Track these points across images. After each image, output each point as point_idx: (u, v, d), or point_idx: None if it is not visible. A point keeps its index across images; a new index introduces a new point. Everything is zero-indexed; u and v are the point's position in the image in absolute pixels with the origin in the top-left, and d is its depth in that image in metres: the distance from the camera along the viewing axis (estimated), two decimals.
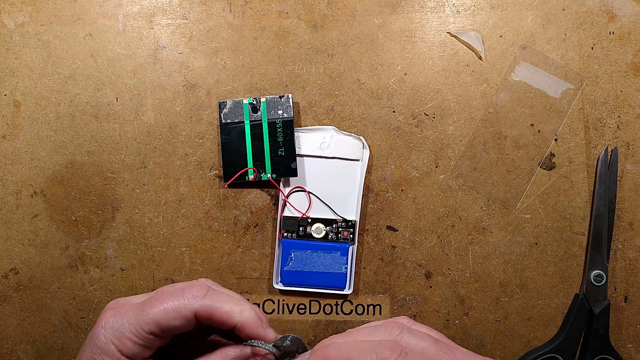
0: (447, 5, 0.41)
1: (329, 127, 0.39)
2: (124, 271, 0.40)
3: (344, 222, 0.38)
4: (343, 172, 0.39)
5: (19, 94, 0.41)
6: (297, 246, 0.38)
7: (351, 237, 0.38)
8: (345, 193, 0.39)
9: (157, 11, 0.41)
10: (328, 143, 0.39)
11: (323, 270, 0.38)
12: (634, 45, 0.40)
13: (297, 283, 0.38)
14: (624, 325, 0.39)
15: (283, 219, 0.38)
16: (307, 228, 0.38)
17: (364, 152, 0.39)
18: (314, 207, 0.39)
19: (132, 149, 0.40)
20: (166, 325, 0.26)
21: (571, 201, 0.39)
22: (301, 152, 0.39)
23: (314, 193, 0.39)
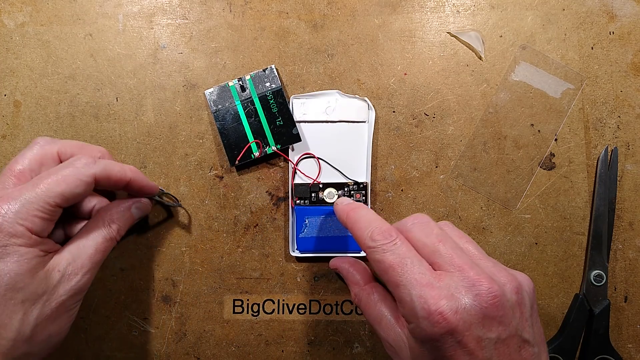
0: (447, 5, 0.41)
1: (333, 91, 0.39)
2: (124, 271, 0.40)
3: (355, 184, 0.38)
4: (350, 135, 0.38)
5: (19, 94, 0.41)
6: (311, 212, 0.38)
7: (364, 199, 0.38)
8: (354, 156, 0.38)
9: (157, 11, 0.41)
10: (333, 107, 0.38)
11: (338, 235, 0.38)
12: (634, 45, 0.40)
13: (313, 249, 0.38)
14: (624, 325, 0.39)
15: (294, 186, 0.38)
16: (319, 194, 0.38)
17: (369, 113, 0.39)
18: (324, 172, 0.38)
19: (132, 149, 0.40)
20: (70, 194, 0.29)
21: (571, 201, 0.39)
22: (307, 119, 0.38)
23: (323, 158, 0.38)
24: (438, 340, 0.24)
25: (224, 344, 0.40)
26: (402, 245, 0.27)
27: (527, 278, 0.28)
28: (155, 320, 0.40)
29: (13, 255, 0.27)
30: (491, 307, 0.25)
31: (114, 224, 0.33)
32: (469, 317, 0.24)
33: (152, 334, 0.40)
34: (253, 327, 0.40)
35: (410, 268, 0.26)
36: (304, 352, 0.39)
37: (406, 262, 0.26)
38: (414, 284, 0.25)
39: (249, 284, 0.40)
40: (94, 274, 0.31)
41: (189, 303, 0.40)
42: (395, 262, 0.26)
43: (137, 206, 0.35)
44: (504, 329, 0.25)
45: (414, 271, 0.26)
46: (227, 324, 0.40)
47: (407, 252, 0.27)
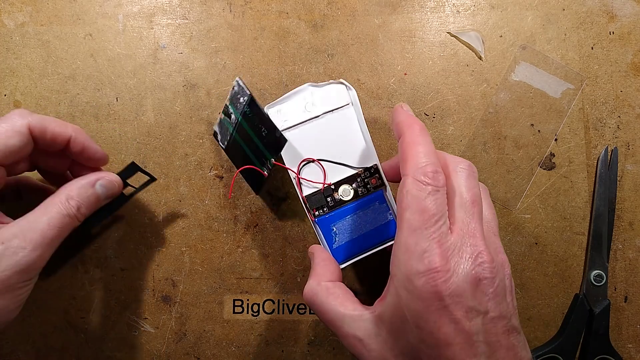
0: (447, 5, 0.41)
1: (304, 86, 0.36)
2: (124, 271, 0.40)
3: (365, 171, 0.35)
4: (339, 123, 0.36)
5: (19, 94, 0.41)
6: (334, 218, 0.35)
7: (380, 181, 0.35)
8: (353, 142, 0.36)
9: (157, 11, 0.41)
10: (311, 102, 0.36)
11: (371, 228, 0.35)
12: (634, 45, 0.40)
13: (353, 254, 0.35)
14: (624, 325, 0.39)
15: (306, 199, 0.35)
16: (334, 195, 0.35)
17: (350, 94, 0.36)
18: (330, 172, 0.35)
19: (132, 149, 0.40)
20: (4, 146, 0.28)
21: (571, 201, 0.39)
22: (290, 124, 0.36)
23: (323, 158, 0.35)
24: (425, 300, 0.24)
25: (224, 344, 0.40)
26: (443, 196, 0.26)
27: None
28: (155, 320, 0.40)
29: None
30: (487, 282, 0.24)
31: (73, 200, 0.31)
32: (464, 283, 0.24)
33: (152, 334, 0.40)
34: (253, 327, 0.40)
35: (435, 224, 0.25)
36: (304, 352, 0.39)
37: (435, 217, 0.25)
38: (429, 238, 0.24)
39: (249, 284, 0.40)
40: (47, 252, 0.29)
41: (189, 303, 0.40)
42: (427, 209, 0.25)
43: (101, 183, 0.33)
44: (495, 306, 0.24)
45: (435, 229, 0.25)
46: (227, 324, 0.40)
47: (442, 205, 0.26)
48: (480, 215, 0.27)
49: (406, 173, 0.27)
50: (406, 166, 0.27)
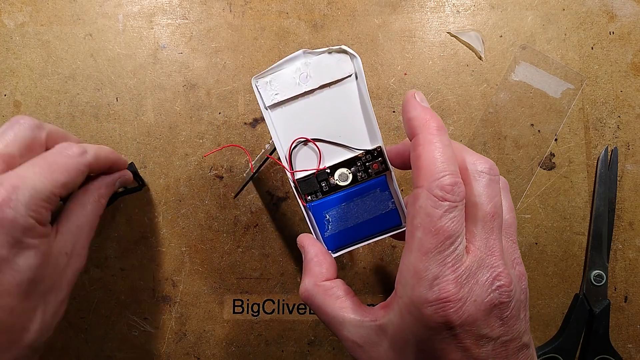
0: (447, 5, 0.41)
1: (298, 53, 0.30)
2: (124, 271, 0.40)
3: (367, 154, 0.31)
4: (340, 98, 0.31)
5: (19, 94, 0.41)
6: (328, 205, 0.31)
7: (383, 166, 0.31)
8: (354, 121, 0.31)
9: (157, 11, 0.41)
10: (306, 73, 0.30)
11: (369, 217, 0.31)
12: (634, 45, 0.40)
13: (346, 244, 0.31)
14: (624, 325, 0.39)
15: (297, 182, 0.31)
16: (330, 180, 0.31)
17: (354, 62, 0.30)
18: (327, 154, 0.31)
19: (132, 149, 0.40)
20: (72, 184, 0.29)
21: (571, 201, 0.39)
22: (281, 98, 0.30)
23: (320, 138, 0.31)
24: (432, 329, 0.22)
25: (224, 344, 0.40)
26: (462, 212, 0.23)
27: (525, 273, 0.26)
28: (155, 320, 0.40)
29: (30, 249, 0.26)
30: (502, 306, 0.22)
31: (103, 198, 0.33)
32: (477, 312, 0.22)
33: (152, 334, 0.40)
34: (253, 327, 0.40)
35: (450, 247, 0.22)
36: (304, 352, 0.39)
37: (451, 239, 0.22)
38: (442, 264, 0.22)
39: (249, 284, 0.40)
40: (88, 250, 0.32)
41: (189, 303, 0.40)
42: (443, 230, 0.22)
43: (121, 180, 0.35)
44: (507, 330, 0.23)
45: (450, 253, 0.22)
46: (227, 324, 0.40)
47: (460, 224, 0.23)
48: (500, 228, 0.24)
49: (420, 184, 0.23)
50: (420, 176, 0.23)
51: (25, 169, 0.27)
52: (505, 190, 0.28)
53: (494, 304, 0.22)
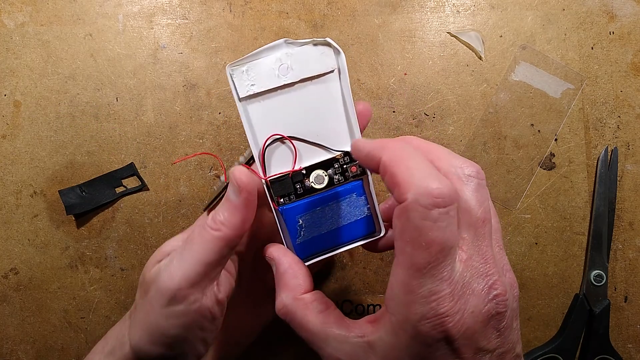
0: (447, 5, 0.41)
1: (279, 42, 0.28)
2: (124, 271, 0.40)
3: (346, 155, 0.29)
4: (321, 92, 0.29)
5: (19, 94, 0.41)
6: (301, 209, 0.29)
7: (361, 170, 0.29)
8: (334, 120, 0.29)
9: (157, 11, 0.41)
10: (287, 65, 0.28)
11: (344, 224, 0.29)
12: (634, 45, 0.40)
13: (318, 251, 0.30)
14: (624, 325, 0.39)
15: (270, 183, 0.28)
16: (305, 182, 0.29)
17: (338, 58, 0.28)
18: (304, 153, 0.29)
19: (132, 149, 0.40)
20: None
21: (571, 201, 0.39)
22: (257, 90, 0.28)
23: (296, 136, 0.29)
24: (431, 346, 0.21)
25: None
26: (454, 218, 0.21)
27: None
28: None
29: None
30: (498, 317, 0.21)
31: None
32: (475, 323, 0.21)
33: None
34: None
35: (445, 260, 0.20)
36: (304, 352, 0.39)
37: (445, 250, 0.20)
38: (439, 279, 0.20)
39: None
40: None
41: None
42: (435, 242, 0.20)
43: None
44: (503, 342, 0.22)
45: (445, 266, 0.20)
46: None
47: (453, 232, 0.21)
48: (490, 234, 0.23)
49: (403, 197, 0.21)
50: (401, 189, 0.21)
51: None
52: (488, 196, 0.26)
53: (491, 315, 0.21)
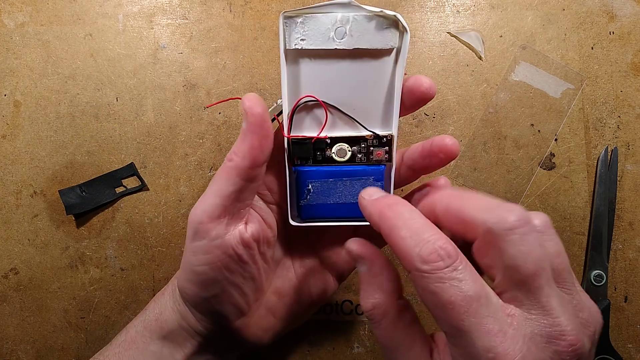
0: (447, 5, 0.41)
1: (344, 0, 0.25)
2: (124, 271, 0.40)
3: (376, 138, 0.28)
4: (371, 69, 0.27)
5: (19, 94, 0.41)
6: (315, 175, 0.28)
7: (387, 157, 0.28)
8: (376, 99, 0.27)
9: (157, 11, 0.41)
10: (345, 29, 0.26)
11: (351, 201, 0.28)
12: (634, 45, 0.40)
13: (319, 216, 0.29)
14: (624, 325, 0.39)
15: (291, 143, 0.27)
16: (326, 151, 0.28)
17: (403, 38, 0.26)
18: (333, 123, 0.28)
19: (132, 149, 0.40)
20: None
21: (571, 201, 0.39)
22: (306, 46, 0.26)
23: (332, 103, 0.27)
24: None
25: None
26: (466, 271, 0.19)
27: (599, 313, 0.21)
28: None
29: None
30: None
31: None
32: None
33: None
34: None
35: (476, 309, 0.19)
36: (304, 352, 0.39)
37: (472, 301, 0.19)
38: (482, 332, 0.18)
39: None
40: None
41: None
42: (457, 300, 0.19)
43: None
44: None
45: (481, 313, 0.19)
46: None
47: (473, 284, 0.19)
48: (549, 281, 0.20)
49: (407, 268, 0.21)
50: (403, 261, 0.21)
51: None
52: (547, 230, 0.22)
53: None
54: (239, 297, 0.28)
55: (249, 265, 0.27)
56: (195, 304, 0.28)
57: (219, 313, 0.28)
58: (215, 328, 0.29)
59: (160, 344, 0.30)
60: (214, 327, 0.29)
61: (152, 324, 0.31)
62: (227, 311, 0.28)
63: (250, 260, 0.27)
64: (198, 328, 0.29)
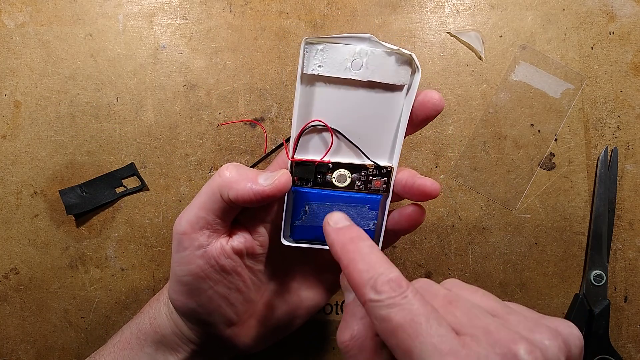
0: (447, 5, 0.41)
1: (365, 35, 0.27)
2: (124, 271, 0.40)
3: (376, 168, 0.29)
4: (381, 102, 0.28)
5: (19, 94, 0.41)
6: (313, 197, 0.29)
7: (384, 187, 0.29)
8: (380, 131, 0.29)
9: (157, 11, 0.41)
10: (362, 61, 0.27)
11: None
12: (634, 45, 0.40)
13: (311, 238, 0.30)
14: (624, 325, 0.39)
15: (295, 164, 0.29)
16: (327, 175, 0.29)
17: (414, 77, 0.28)
18: (337, 149, 0.29)
19: (132, 149, 0.40)
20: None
21: (571, 201, 0.39)
22: (323, 73, 0.27)
23: (339, 129, 0.28)
24: None
25: None
26: (415, 298, 0.20)
27: (572, 327, 0.22)
28: None
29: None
30: None
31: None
32: None
33: None
34: None
35: (426, 329, 0.19)
36: (304, 352, 0.39)
37: (421, 322, 0.19)
38: (432, 352, 0.19)
39: None
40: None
41: None
42: (406, 321, 0.19)
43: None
44: None
45: (431, 333, 0.19)
46: None
47: (421, 307, 0.20)
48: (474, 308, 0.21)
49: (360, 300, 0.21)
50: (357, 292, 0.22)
51: None
52: (454, 283, 0.24)
53: None
54: (226, 307, 0.28)
55: (232, 277, 0.28)
56: (185, 314, 0.29)
57: (208, 322, 0.29)
58: (208, 337, 0.30)
59: (154, 348, 0.31)
60: (206, 336, 0.30)
61: (147, 327, 0.31)
62: (216, 321, 0.29)
63: (233, 272, 0.28)
64: (191, 336, 0.30)
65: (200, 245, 0.27)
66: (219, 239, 0.28)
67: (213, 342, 0.30)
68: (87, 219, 0.40)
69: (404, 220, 0.29)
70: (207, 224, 0.27)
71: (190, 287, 0.27)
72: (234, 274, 0.28)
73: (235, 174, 0.27)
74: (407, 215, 0.28)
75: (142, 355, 0.31)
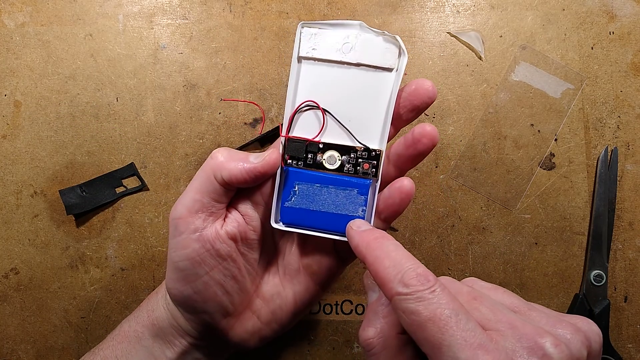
0: (447, 5, 0.41)
1: (355, 22, 0.29)
2: (124, 271, 0.40)
3: (365, 151, 0.30)
4: (369, 85, 0.29)
5: (19, 94, 0.41)
6: (303, 177, 0.30)
7: (373, 171, 0.30)
8: (370, 114, 0.30)
9: (157, 11, 0.41)
10: (352, 45, 0.29)
11: (334, 211, 0.30)
12: (634, 45, 0.40)
13: (300, 223, 0.30)
14: (624, 325, 0.39)
15: (287, 141, 0.30)
16: (318, 156, 0.30)
17: (400, 60, 0.29)
18: (329, 130, 0.30)
19: (132, 149, 0.40)
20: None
21: (571, 201, 0.39)
22: (315, 56, 0.29)
23: (330, 111, 0.30)
24: None
25: None
26: (443, 293, 0.20)
27: (592, 323, 0.22)
28: None
29: None
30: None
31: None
32: None
33: None
34: None
35: (455, 323, 0.19)
36: (304, 352, 0.39)
37: (450, 316, 0.19)
38: (462, 345, 0.19)
39: None
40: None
41: None
42: (435, 315, 0.20)
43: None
44: None
45: (460, 327, 0.19)
46: None
47: (450, 302, 0.20)
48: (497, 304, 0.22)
49: (388, 296, 0.22)
50: (384, 288, 0.22)
51: None
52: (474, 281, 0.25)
53: None
54: (222, 295, 0.29)
55: (228, 263, 0.29)
56: (181, 303, 0.29)
57: (204, 311, 0.29)
58: (204, 328, 0.30)
59: (151, 340, 0.31)
60: (202, 327, 0.30)
61: (145, 320, 0.32)
62: (212, 309, 0.29)
63: (228, 257, 0.28)
64: (188, 328, 0.30)
65: (196, 229, 0.27)
66: (214, 224, 0.28)
67: (210, 335, 0.30)
68: (87, 219, 0.40)
69: (395, 194, 0.28)
70: (203, 206, 0.27)
71: (187, 272, 0.28)
72: (229, 260, 0.29)
73: (227, 156, 0.27)
74: (396, 188, 0.28)
75: (139, 348, 0.31)
